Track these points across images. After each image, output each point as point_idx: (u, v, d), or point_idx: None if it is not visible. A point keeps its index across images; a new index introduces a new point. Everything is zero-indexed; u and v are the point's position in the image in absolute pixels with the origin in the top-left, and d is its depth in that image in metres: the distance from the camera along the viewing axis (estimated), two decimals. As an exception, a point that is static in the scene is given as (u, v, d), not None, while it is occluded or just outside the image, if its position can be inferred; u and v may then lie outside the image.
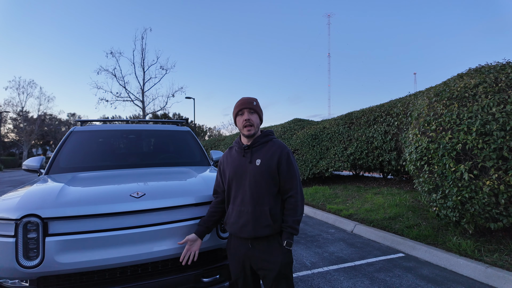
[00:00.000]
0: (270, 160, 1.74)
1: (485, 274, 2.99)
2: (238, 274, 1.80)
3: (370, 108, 7.79)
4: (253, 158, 1.78)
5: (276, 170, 1.73)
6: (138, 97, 21.23)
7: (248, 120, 1.77)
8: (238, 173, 1.79)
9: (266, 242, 1.71)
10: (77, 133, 3.42)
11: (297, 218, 1.70)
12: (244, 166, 1.78)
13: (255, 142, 1.81)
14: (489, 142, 3.12)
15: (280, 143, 1.83)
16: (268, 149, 1.79)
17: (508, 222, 3.13)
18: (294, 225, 1.69)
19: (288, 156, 1.77)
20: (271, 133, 1.90)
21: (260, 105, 1.90)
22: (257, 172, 1.73)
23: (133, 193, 2.00)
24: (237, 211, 1.77)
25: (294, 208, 1.71)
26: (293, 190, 1.73)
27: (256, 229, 1.68)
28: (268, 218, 1.67)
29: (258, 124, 1.83)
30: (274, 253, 1.69)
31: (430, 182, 3.68)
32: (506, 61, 3.80)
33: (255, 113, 1.81)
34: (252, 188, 1.72)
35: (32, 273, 1.68)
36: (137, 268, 1.92)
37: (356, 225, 4.94)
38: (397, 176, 7.96)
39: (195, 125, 35.19)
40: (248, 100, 1.81)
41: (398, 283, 3.02)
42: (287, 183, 1.73)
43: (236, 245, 1.81)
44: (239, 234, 1.75)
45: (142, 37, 21.36)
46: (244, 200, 1.74)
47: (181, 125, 4.27)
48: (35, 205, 1.79)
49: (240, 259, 1.78)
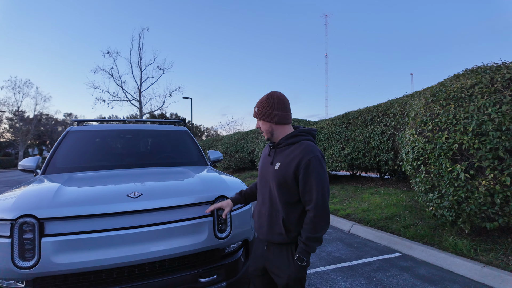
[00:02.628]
0: (288, 166, 1.56)
1: (481, 273, 3.01)
2: (252, 271, 1.79)
3: (367, 108, 7.81)
4: (274, 160, 1.66)
5: (293, 178, 1.54)
6: (135, 97, 21.15)
7: (258, 127, 1.72)
8: (263, 172, 1.74)
9: (279, 250, 1.62)
10: (74, 133, 3.40)
11: (313, 236, 1.49)
12: (267, 166, 1.70)
13: (281, 142, 1.65)
14: (485, 142, 3.14)
15: (307, 146, 1.57)
16: (291, 152, 1.59)
17: (503, 222, 3.15)
18: (308, 242, 1.50)
19: (309, 164, 1.50)
20: (304, 133, 1.67)
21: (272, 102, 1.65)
22: (275, 176, 1.60)
23: (130, 193, 1.99)
24: (258, 211, 1.74)
25: (310, 223, 1.50)
26: (311, 203, 1.50)
27: (269, 234, 1.63)
28: (280, 226, 1.57)
29: (268, 129, 1.66)
30: (286, 263, 1.59)
31: (426, 182, 3.70)
32: (502, 61, 3.82)
33: (260, 119, 1.68)
34: (271, 191, 1.64)
35: (28, 274, 1.67)
36: (134, 268, 1.91)
37: (353, 225, 4.95)
38: (394, 176, 7.99)
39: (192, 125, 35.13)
40: (254, 107, 1.71)
41: (395, 283, 3.03)
42: (306, 195, 1.53)
43: (257, 242, 1.80)
44: (257, 233, 1.74)
45: (140, 37, 21.28)
46: (264, 201, 1.69)
47: (179, 125, 4.26)
48: (31, 205, 1.78)
49: (258, 257, 1.75)
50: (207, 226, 2.08)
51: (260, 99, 1.68)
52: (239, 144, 14.76)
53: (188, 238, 2.00)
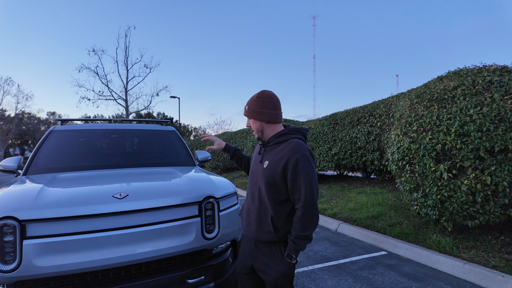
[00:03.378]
0: (277, 165, 1.56)
1: (462, 270, 3.10)
2: (240, 270, 1.78)
3: (354, 109, 7.92)
4: (264, 158, 1.67)
5: (282, 177, 1.55)
6: (121, 96, 20.82)
7: (249, 126, 1.73)
8: (253, 170, 1.75)
9: (268, 248, 1.63)
10: (57, 132, 3.32)
11: (302, 234, 1.51)
12: (257, 164, 1.71)
13: (270, 141, 1.67)
14: (467, 142, 3.23)
15: (295, 145, 1.57)
16: (280, 151, 1.60)
17: (484, 220, 3.25)
18: (297, 241, 1.52)
19: (297, 162, 1.51)
20: (294, 131, 1.67)
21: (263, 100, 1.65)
22: (264, 174, 1.61)
23: (116, 194, 1.96)
24: (247, 208, 1.74)
25: (299, 222, 1.51)
26: (300, 202, 1.51)
27: (258, 232, 1.63)
28: (269, 224, 1.58)
29: (258, 128, 1.68)
30: (275, 261, 1.60)
31: (411, 181, 3.78)
32: (483, 64, 3.95)
33: (251, 118, 1.69)
34: (260, 189, 1.64)
35: (8, 277, 1.62)
36: (120, 270, 1.88)
37: (340, 224, 5.01)
38: (380, 175, 8.13)
39: (180, 124, 34.82)
40: (245, 106, 1.72)
41: (380, 281, 3.08)
42: (295, 194, 1.54)
43: (244, 241, 1.79)
44: (246, 232, 1.73)
45: (126, 35, 20.96)
46: (253, 199, 1.70)
47: (166, 125, 4.22)
48: (12, 207, 1.73)
49: (246, 256, 1.74)
50: (195, 226, 2.07)
51: (251, 98, 1.69)
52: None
53: (175, 239, 1.98)
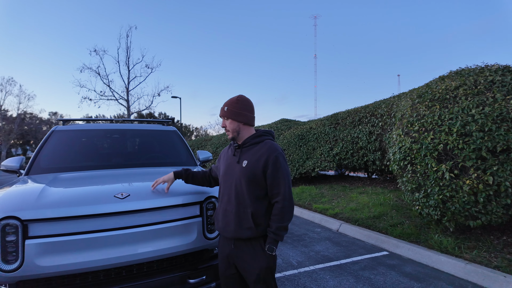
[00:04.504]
0: (256, 163, 1.69)
1: (464, 270, 3.09)
2: (223, 272, 1.80)
3: (355, 109, 7.91)
4: (241, 158, 1.75)
5: (262, 174, 1.68)
6: (122, 96, 20.78)
7: (224, 127, 1.79)
8: (227, 172, 1.79)
9: (249, 244, 1.69)
10: (59, 132, 3.32)
11: (282, 225, 1.64)
12: (233, 165, 1.77)
13: (246, 142, 1.77)
14: (469, 142, 3.22)
15: (271, 145, 1.74)
16: (257, 150, 1.73)
17: (486, 220, 3.24)
18: (278, 232, 1.64)
19: (276, 159, 1.67)
20: (266, 133, 1.82)
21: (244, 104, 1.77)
22: (243, 173, 1.70)
23: (117, 194, 1.96)
24: (223, 210, 1.77)
25: (280, 214, 1.65)
26: (280, 195, 1.66)
27: (237, 230, 1.68)
28: (249, 220, 1.65)
29: (235, 128, 1.76)
30: (256, 256, 1.67)
31: (413, 181, 3.77)
32: (485, 64, 3.94)
33: (228, 118, 1.76)
34: (238, 188, 1.71)
35: (10, 277, 1.63)
36: (121, 270, 1.89)
37: (342, 224, 5.01)
38: (382, 175, 8.12)
39: (181, 124, 34.88)
40: (221, 107, 1.80)
41: (382, 281, 3.08)
42: (274, 188, 1.67)
43: (222, 243, 1.82)
44: (223, 233, 1.76)
45: (127, 35, 20.87)
46: (229, 199, 1.74)
47: (167, 125, 4.22)
48: (14, 207, 1.73)
49: (225, 258, 1.78)
50: (196, 226, 2.07)
51: (231, 100, 1.80)
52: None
53: (177, 239, 1.99)
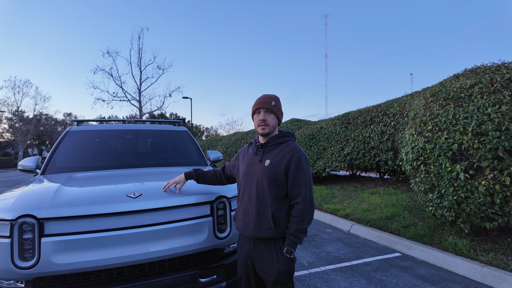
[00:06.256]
0: (279, 163, 1.68)
1: (480, 273, 3.02)
2: (242, 272, 1.80)
3: (367, 108, 7.82)
4: (263, 157, 1.74)
5: (284, 174, 1.67)
6: (134, 97, 21.13)
7: (263, 120, 1.74)
8: (249, 171, 1.78)
9: (267, 245, 1.68)
10: (73, 133, 3.40)
11: (301, 227, 1.61)
12: (255, 164, 1.76)
13: (269, 142, 1.77)
14: (485, 142, 3.14)
15: (295, 146, 1.74)
16: (280, 150, 1.73)
17: (503, 222, 3.15)
18: (297, 234, 1.61)
19: (299, 160, 1.67)
20: (289, 134, 1.83)
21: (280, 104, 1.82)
22: (265, 173, 1.68)
23: (130, 193, 1.99)
24: (243, 209, 1.77)
25: (299, 216, 1.62)
26: (300, 197, 1.64)
27: (257, 230, 1.67)
28: (269, 220, 1.64)
29: (274, 125, 1.77)
30: (274, 258, 1.65)
31: (426, 182, 3.70)
32: (502, 62, 3.83)
33: (272, 113, 1.76)
34: (259, 188, 1.70)
35: (27, 274, 1.67)
36: (133, 268, 1.91)
37: (353, 225, 4.96)
38: (394, 176, 7.99)
39: (192, 125, 35.13)
40: (266, 100, 1.76)
41: (394, 283, 3.03)
42: (295, 189, 1.66)
43: (241, 242, 1.82)
44: (243, 232, 1.76)
45: (139, 37, 21.26)
46: (250, 198, 1.73)
47: (178, 125, 4.26)
48: (31, 205, 1.78)
49: (244, 257, 1.77)
50: (207, 226, 2.08)
51: (274, 96, 1.80)
52: (239, 144, 14.78)
53: (188, 238, 2.00)
